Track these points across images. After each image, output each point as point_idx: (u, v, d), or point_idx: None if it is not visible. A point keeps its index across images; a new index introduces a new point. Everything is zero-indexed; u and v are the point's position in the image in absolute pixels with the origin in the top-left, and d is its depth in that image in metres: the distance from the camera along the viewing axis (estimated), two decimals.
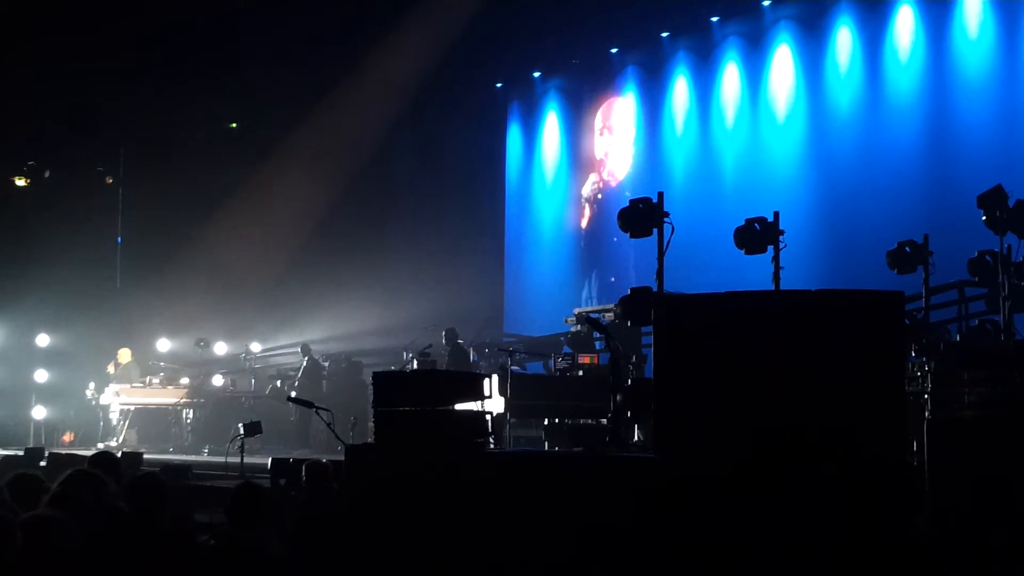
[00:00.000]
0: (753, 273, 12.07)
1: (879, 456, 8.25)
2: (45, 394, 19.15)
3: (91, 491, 5.71)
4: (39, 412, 18.84)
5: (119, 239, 21.50)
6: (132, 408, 18.76)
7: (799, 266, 12.25)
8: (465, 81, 21.53)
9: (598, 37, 20.27)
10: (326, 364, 19.32)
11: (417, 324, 19.32)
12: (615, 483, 8.77)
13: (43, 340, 18.36)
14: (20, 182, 19.87)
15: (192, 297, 20.35)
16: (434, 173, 22.33)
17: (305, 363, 18.64)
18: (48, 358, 19.22)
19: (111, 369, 18.48)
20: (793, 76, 17.67)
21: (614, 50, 20.40)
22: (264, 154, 20.73)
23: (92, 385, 18.84)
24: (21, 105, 19.15)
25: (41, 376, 19.27)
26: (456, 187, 22.11)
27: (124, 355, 18.70)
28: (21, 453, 13.59)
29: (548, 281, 21.24)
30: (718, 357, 8.81)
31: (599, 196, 20.74)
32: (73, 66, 18.54)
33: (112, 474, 7.07)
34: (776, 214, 11.20)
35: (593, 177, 20.86)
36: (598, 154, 20.93)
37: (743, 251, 11.25)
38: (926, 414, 9.37)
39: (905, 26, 16.45)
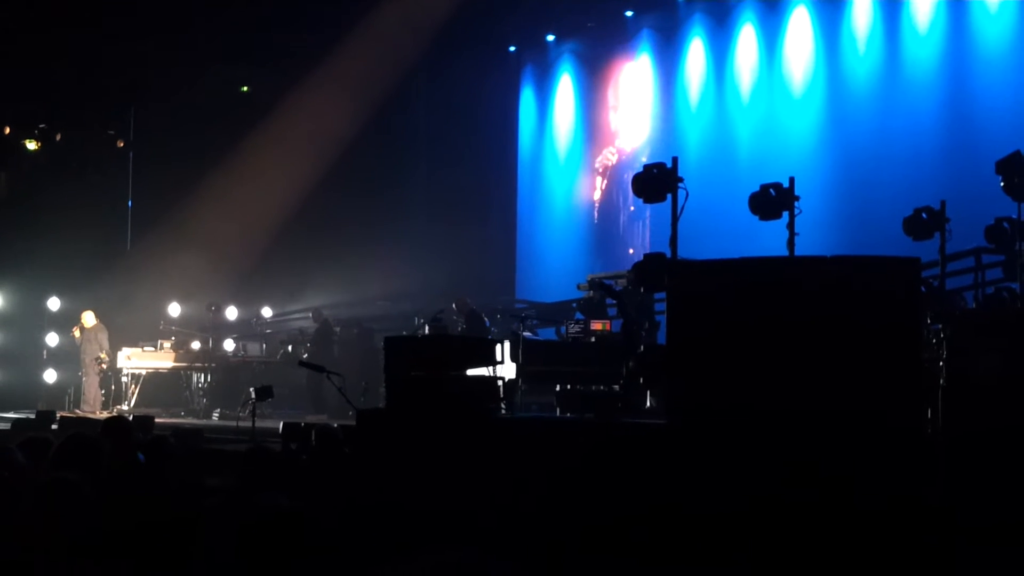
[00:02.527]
0: (768, 239, 11.96)
1: (894, 423, 8.20)
2: (56, 358, 19.18)
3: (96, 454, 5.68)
4: (50, 376, 18.88)
5: (130, 202, 21.44)
6: (144, 372, 18.79)
7: (814, 232, 12.12)
8: (478, 45, 21.36)
9: (613, 0, 20.10)
10: (337, 329, 19.30)
11: (429, 289, 19.30)
12: (627, 449, 8.74)
13: (54, 304, 18.37)
14: (31, 145, 19.81)
15: (203, 261, 20.30)
16: (447, 138, 22.22)
17: (317, 328, 18.61)
18: (59, 322, 19.22)
19: (76, 333, 18.05)
20: (811, 40, 17.48)
21: (629, 13, 20.21)
22: (276, 117, 20.61)
23: (104, 349, 18.83)
24: (32, 68, 19.06)
25: (52, 340, 19.29)
26: (469, 152, 21.98)
27: (87, 318, 18.15)
28: (32, 416, 13.63)
29: (560, 246, 21.15)
30: (731, 323, 8.76)
31: (612, 164, 20.59)
32: (84, 28, 18.43)
33: (124, 438, 7.06)
34: (791, 179, 11.09)
35: (609, 150, 20.69)
36: (612, 119, 20.77)
37: (758, 217, 11.15)
38: (941, 382, 9.28)
39: None
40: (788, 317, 8.65)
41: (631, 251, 19.69)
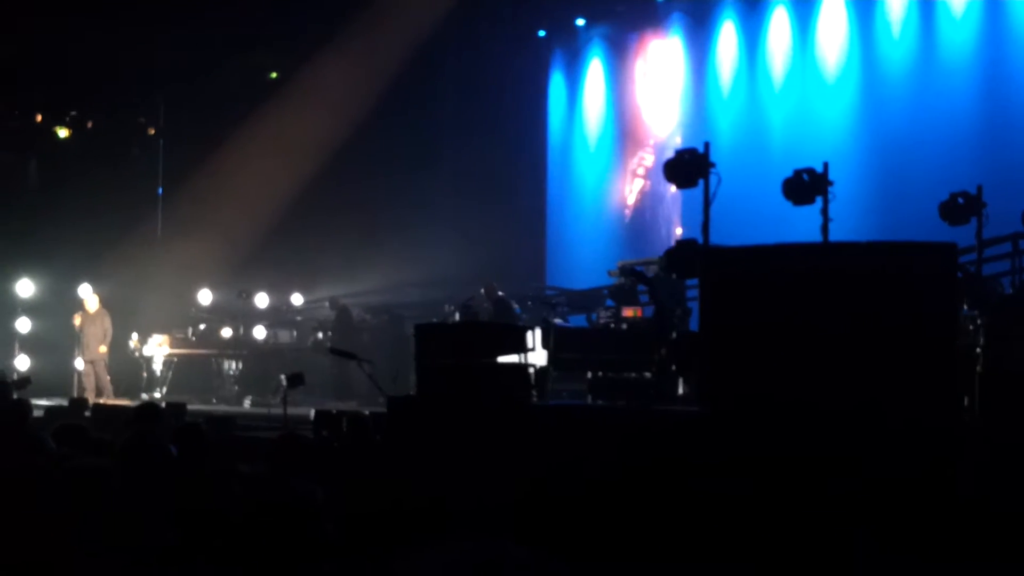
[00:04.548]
0: (801, 225, 11.86)
1: (930, 410, 8.11)
2: None
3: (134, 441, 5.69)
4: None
5: (160, 189, 21.53)
6: (175, 359, 18.88)
7: (849, 218, 12.02)
8: (507, 30, 21.28)
9: None
10: (368, 316, 19.31)
11: (459, 276, 19.26)
12: (659, 437, 8.69)
13: (85, 291, 18.43)
14: (62, 132, 19.92)
15: (233, 248, 20.37)
16: (476, 124, 22.15)
17: (336, 316, 18.62)
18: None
19: (76, 320, 17.78)
20: (845, 24, 17.30)
21: None
22: (304, 104, 20.62)
23: (135, 336, 18.93)
24: (62, 56, 19.15)
25: None
26: (498, 138, 21.92)
27: (90, 302, 17.77)
28: (66, 403, 13.70)
29: (591, 233, 21.07)
30: (765, 310, 8.69)
31: (649, 167, 20.45)
32: (114, 16, 18.48)
33: (156, 424, 7.09)
34: (825, 164, 10.98)
35: (641, 154, 20.56)
36: (642, 104, 20.64)
37: (791, 202, 11.05)
38: (978, 368, 9.18)
39: None
40: (822, 304, 8.58)
41: (678, 231, 19.45)
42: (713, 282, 9.52)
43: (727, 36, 18.99)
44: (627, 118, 20.88)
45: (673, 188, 16.06)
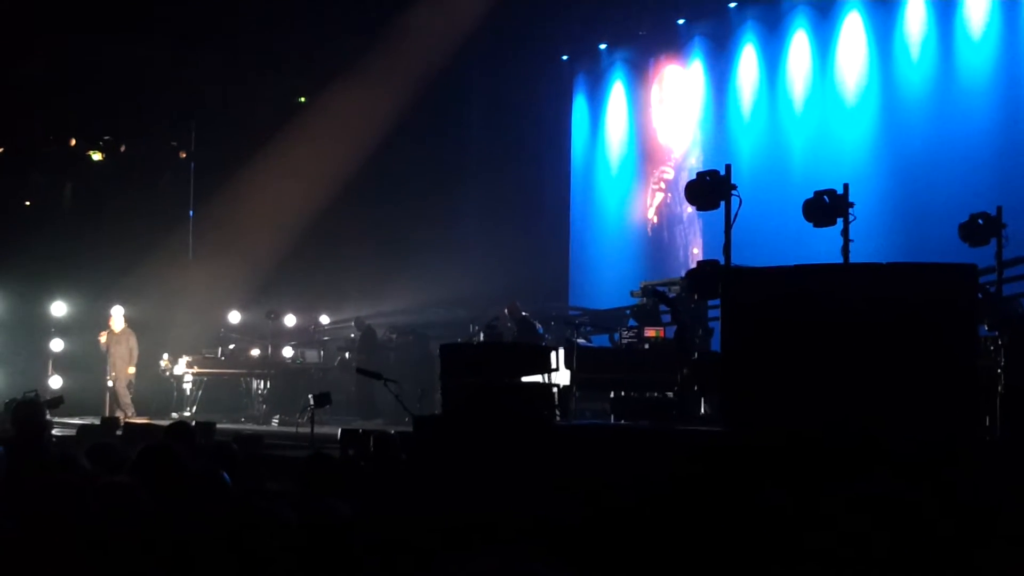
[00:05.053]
0: (821, 246, 11.94)
1: (950, 429, 8.19)
2: None
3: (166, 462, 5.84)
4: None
5: (191, 212, 21.82)
6: (205, 378, 19.10)
7: (869, 239, 12.07)
8: (531, 54, 21.48)
9: (665, 8, 20.13)
10: (393, 336, 19.46)
11: (483, 296, 19.41)
12: (682, 456, 8.79)
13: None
14: (96, 156, 20.22)
15: (262, 269, 20.62)
16: (501, 146, 22.34)
17: (360, 335, 18.76)
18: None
19: (102, 338, 18.01)
20: (864, 47, 17.37)
21: (681, 21, 20.22)
22: (331, 128, 20.86)
23: (166, 356, 19.18)
24: (97, 81, 19.48)
25: None
26: (522, 160, 22.10)
27: (117, 321, 17.98)
28: (98, 422, 13.89)
29: (613, 254, 21.19)
30: (786, 331, 8.79)
31: (669, 179, 20.57)
32: (146, 42, 18.81)
33: (187, 443, 7.23)
34: (846, 186, 11.06)
35: (665, 169, 20.69)
36: (664, 127, 20.78)
37: (811, 224, 11.14)
38: (999, 388, 9.24)
39: None
40: (843, 324, 8.67)
41: (695, 251, 19.60)
42: (735, 303, 9.63)
43: (747, 59, 19.11)
44: (649, 141, 21.01)
45: (689, 209, 16.16)
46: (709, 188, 11.03)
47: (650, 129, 20.99)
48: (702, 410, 11.94)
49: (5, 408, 10.93)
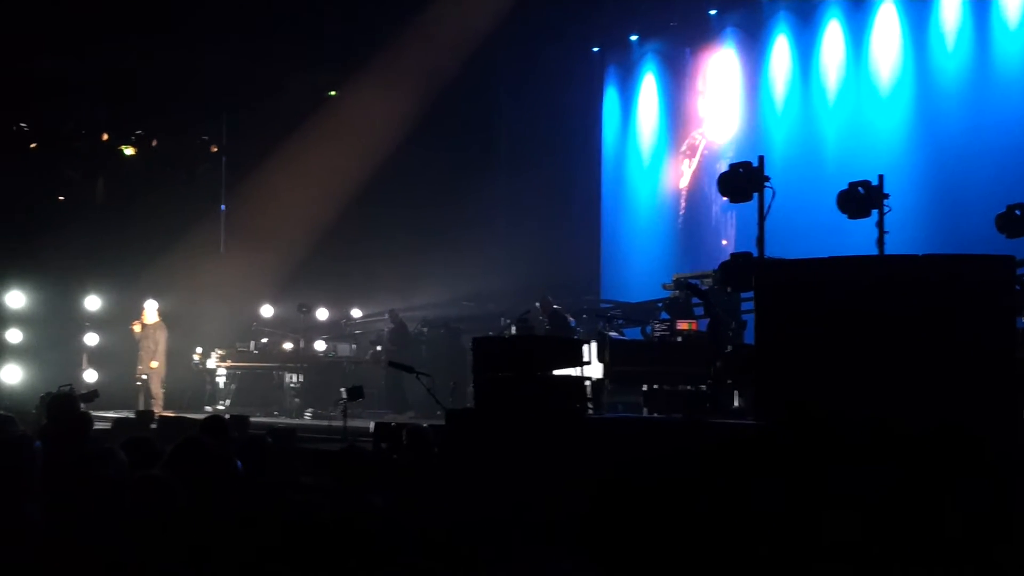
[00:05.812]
0: (856, 238, 11.86)
1: (989, 422, 8.09)
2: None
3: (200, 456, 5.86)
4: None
5: (223, 206, 21.92)
6: (238, 372, 19.21)
7: (904, 230, 11.98)
8: (562, 46, 21.42)
9: None
10: (425, 329, 19.49)
11: (514, 289, 19.39)
12: (715, 450, 8.73)
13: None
14: (128, 151, 20.35)
15: (294, 263, 20.71)
16: (531, 138, 22.31)
17: (391, 328, 18.79)
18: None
19: (136, 328, 18.11)
20: (899, 37, 17.21)
21: (713, 11, 20.09)
22: (361, 120, 20.90)
23: (199, 350, 19.29)
24: (128, 76, 19.60)
25: None
26: (553, 151, 22.06)
27: (150, 314, 18.09)
28: (132, 416, 13.99)
29: (645, 246, 21.12)
30: (821, 323, 8.71)
31: (699, 155, 20.48)
32: (178, 36, 18.89)
33: (221, 437, 7.26)
34: (880, 177, 10.99)
35: (695, 134, 20.58)
36: (695, 118, 20.68)
37: (846, 215, 11.06)
38: None
39: None
40: (879, 317, 8.58)
41: (724, 242, 19.54)
42: (769, 295, 9.56)
43: (780, 50, 18.97)
44: (680, 132, 20.91)
45: (721, 200, 16.08)
46: (742, 180, 10.99)
47: (681, 121, 20.89)
48: (735, 403, 11.88)
49: (40, 402, 11.02)
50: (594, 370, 12.35)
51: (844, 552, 7.15)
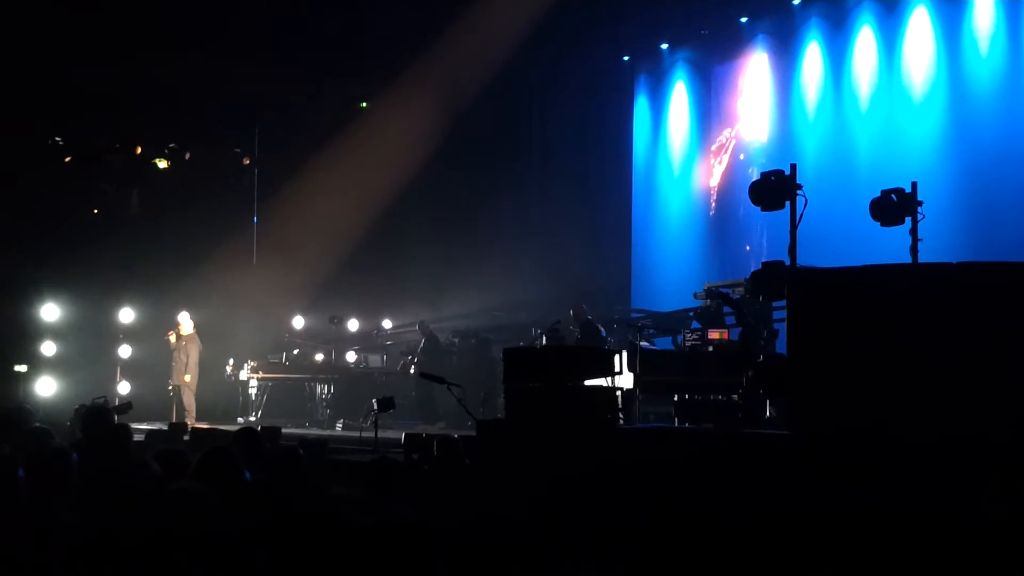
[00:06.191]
0: (889, 246, 11.76)
1: None
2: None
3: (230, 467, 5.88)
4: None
5: (255, 218, 22.05)
6: (270, 383, 19.28)
7: (937, 238, 11.86)
8: (592, 55, 21.42)
9: (727, 6, 19.95)
10: (455, 340, 19.49)
11: (545, 300, 19.37)
12: (748, 460, 8.68)
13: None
14: (161, 163, 20.51)
15: (325, 274, 20.79)
16: (561, 146, 22.33)
17: (424, 340, 18.80)
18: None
19: (171, 338, 18.12)
20: (932, 43, 17.07)
21: (743, 19, 20.03)
22: (392, 132, 20.99)
23: (231, 361, 19.38)
24: (161, 90, 19.77)
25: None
26: (583, 160, 22.05)
27: (185, 325, 18.10)
28: (165, 427, 14.05)
29: (676, 255, 21.06)
30: (855, 332, 8.65)
31: (730, 164, 20.40)
32: (209, 49, 19.04)
33: (253, 448, 7.27)
34: (914, 184, 10.89)
35: (727, 132, 20.50)
36: (727, 126, 20.61)
37: (879, 223, 10.97)
38: None
39: None
40: (913, 325, 8.52)
41: (748, 248, 19.52)
42: (801, 304, 9.50)
43: (812, 57, 18.88)
44: (711, 141, 20.85)
45: (752, 209, 15.96)
46: (774, 188, 10.93)
47: (712, 129, 20.83)
48: (767, 413, 11.81)
49: (75, 414, 11.09)
50: (625, 380, 12.31)
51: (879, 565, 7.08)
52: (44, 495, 5.12)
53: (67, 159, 19.99)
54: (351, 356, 20.24)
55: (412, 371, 18.11)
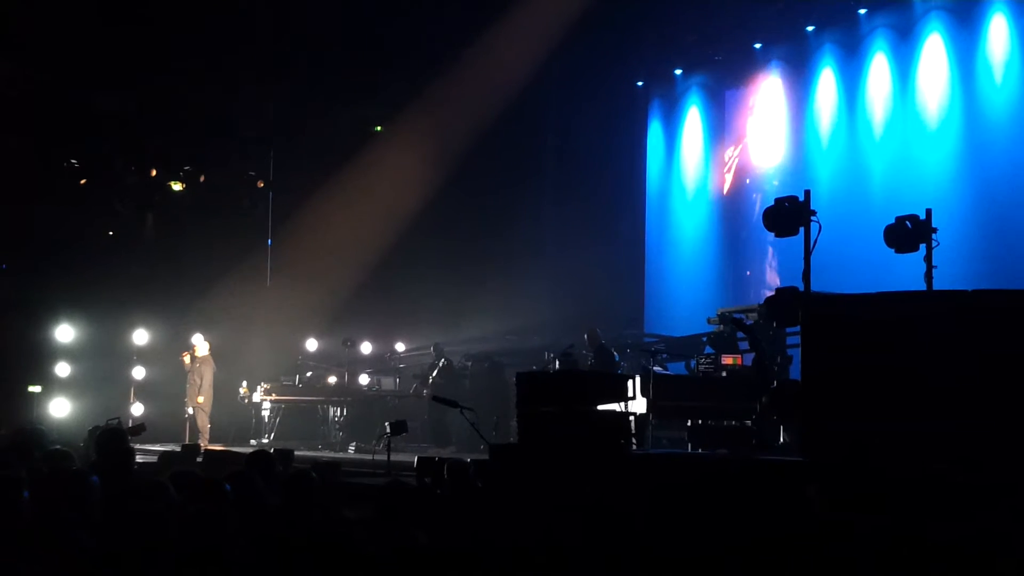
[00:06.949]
0: (902, 273, 11.75)
1: None
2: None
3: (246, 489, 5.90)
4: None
5: (269, 241, 22.13)
6: (283, 406, 19.29)
7: (953, 265, 11.84)
8: (606, 80, 21.49)
9: (741, 32, 20.00)
10: (468, 364, 19.49)
11: (558, 324, 19.37)
12: (761, 486, 8.65)
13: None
14: (176, 186, 20.61)
15: (338, 297, 20.83)
16: (574, 171, 22.37)
17: (442, 363, 18.80)
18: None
19: (186, 359, 18.22)
20: (946, 68, 17.08)
21: (757, 45, 20.08)
22: (408, 155, 21.07)
23: (244, 383, 19.41)
24: (176, 113, 19.90)
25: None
26: (596, 185, 22.08)
27: (200, 347, 18.20)
28: (178, 449, 14.06)
29: (689, 280, 21.05)
30: (869, 359, 8.63)
31: (744, 189, 20.42)
32: (224, 74, 19.17)
33: (266, 471, 7.28)
34: (928, 211, 10.87)
35: (740, 169, 20.52)
36: (740, 152, 20.62)
37: (893, 250, 10.95)
38: None
39: None
40: (927, 352, 8.50)
41: (748, 273, 19.56)
42: (815, 330, 9.49)
43: (826, 83, 18.90)
44: (724, 166, 20.87)
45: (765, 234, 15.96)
46: (788, 214, 10.92)
47: (725, 154, 20.85)
48: (781, 439, 11.77)
49: (89, 435, 11.11)
50: (638, 405, 12.29)
51: None
52: (61, 517, 5.13)
53: (83, 181, 20.10)
54: (364, 379, 20.25)
55: (425, 394, 18.10)
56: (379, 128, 22.14)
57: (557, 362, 15.69)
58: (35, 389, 18.60)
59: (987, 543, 7.16)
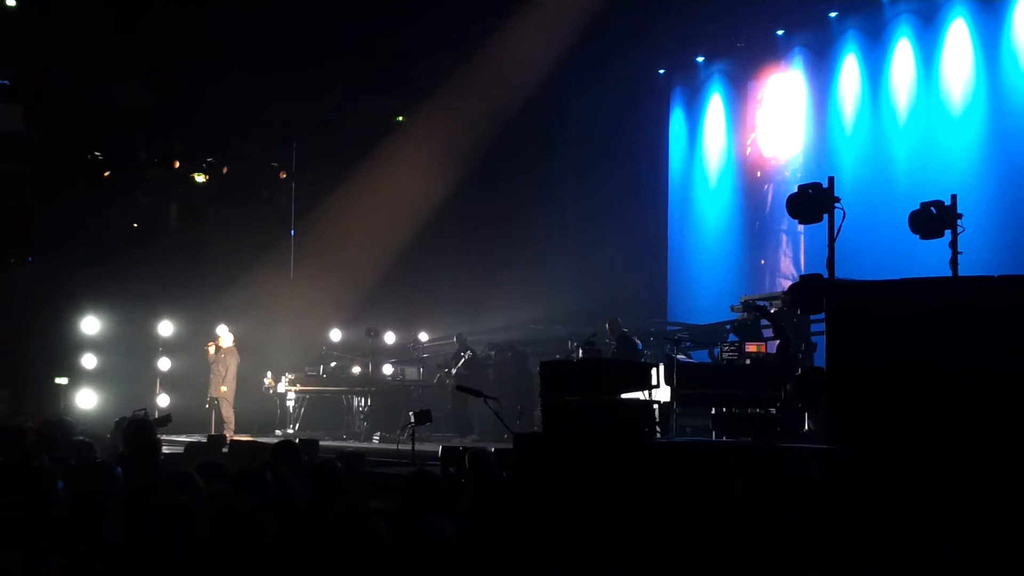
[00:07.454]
0: (927, 259, 11.68)
1: None
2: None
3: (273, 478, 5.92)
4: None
5: (292, 232, 22.20)
6: (307, 396, 19.37)
7: (978, 251, 11.75)
8: (628, 68, 21.41)
9: (763, 19, 19.88)
10: (491, 353, 19.52)
11: (581, 312, 19.36)
12: (786, 474, 8.63)
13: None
14: (199, 178, 20.70)
15: (362, 288, 20.88)
16: (598, 161, 22.32)
17: (467, 355, 18.81)
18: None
19: (210, 350, 18.20)
20: (971, 53, 16.93)
21: (780, 32, 19.95)
22: (426, 145, 21.07)
23: (269, 374, 19.49)
24: (199, 105, 19.97)
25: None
26: (620, 174, 22.03)
27: (225, 338, 18.19)
28: (204, 439, 14.15)
29: (712, 268, 20.99)
30: (895, 345, 8.59)
31: (767, 176, 20.33)
32: (247, 65, 19.22)
33: (292, 461, 7.31)
34: (953, 197, 10.81)
35: (763, 155, 20.44)
36: (763, 139, 20.53)
37: (918, 236, 10.89)
38: None
39: None
40: (953, 339, 8.46)
41: (762, 261, 19.52)
42: (840, 317, 9.46)
43: (849, 70, 18.77)
44: (747, 153, 20.78)
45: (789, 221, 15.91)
46: (812, 201, 10.88)
47: (748, 142, 20.76)
48: (806, 427, 11.75)
49: (115, 427, 11.19)
50: (662, 393, 12.29)
51: None
52: (86, 510, 5.16)
53: (106, 174, 20.20)
54: (388, 369, 20.30)
55: (448, 383, 18.14)
56: (401, 119, 22.15)
57: (580, 351, 15.69)
58: (62, 381, 18.75)
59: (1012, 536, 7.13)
